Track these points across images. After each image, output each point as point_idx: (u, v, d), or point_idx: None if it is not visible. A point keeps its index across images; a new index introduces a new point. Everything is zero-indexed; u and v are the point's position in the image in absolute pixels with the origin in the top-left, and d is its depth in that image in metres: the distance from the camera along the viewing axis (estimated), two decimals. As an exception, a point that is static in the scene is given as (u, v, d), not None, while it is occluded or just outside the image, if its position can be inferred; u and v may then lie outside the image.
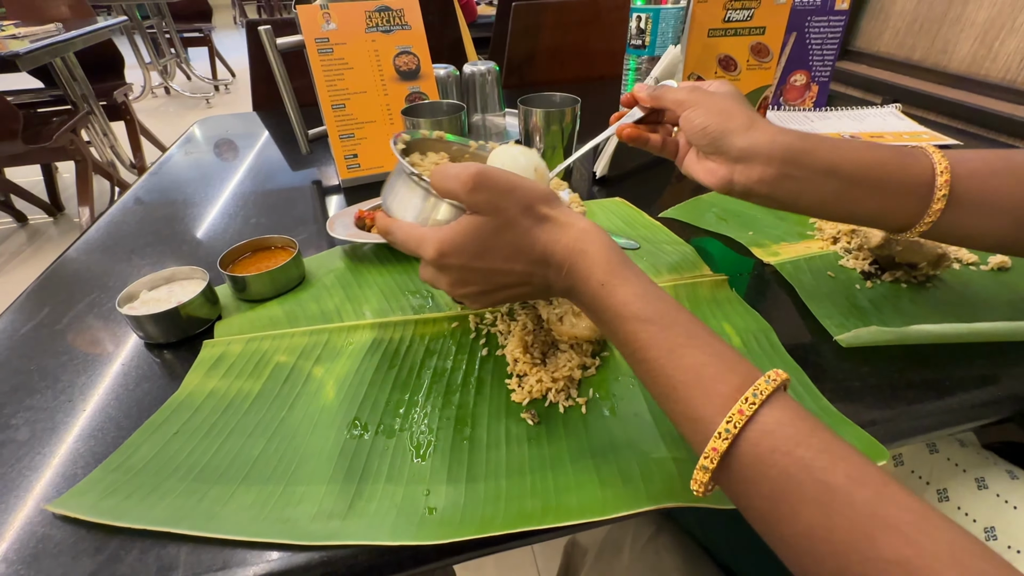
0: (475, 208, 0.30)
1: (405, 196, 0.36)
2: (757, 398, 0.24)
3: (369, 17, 0.70)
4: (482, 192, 0.30)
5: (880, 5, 1.13)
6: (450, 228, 0.31)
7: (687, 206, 0.65)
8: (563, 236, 0.31)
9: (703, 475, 0.25)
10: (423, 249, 0.32)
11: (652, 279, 0.30)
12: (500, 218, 0.30)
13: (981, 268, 0.51)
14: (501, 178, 0.30)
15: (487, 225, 0.30)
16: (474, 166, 0.30)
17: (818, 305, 0.47)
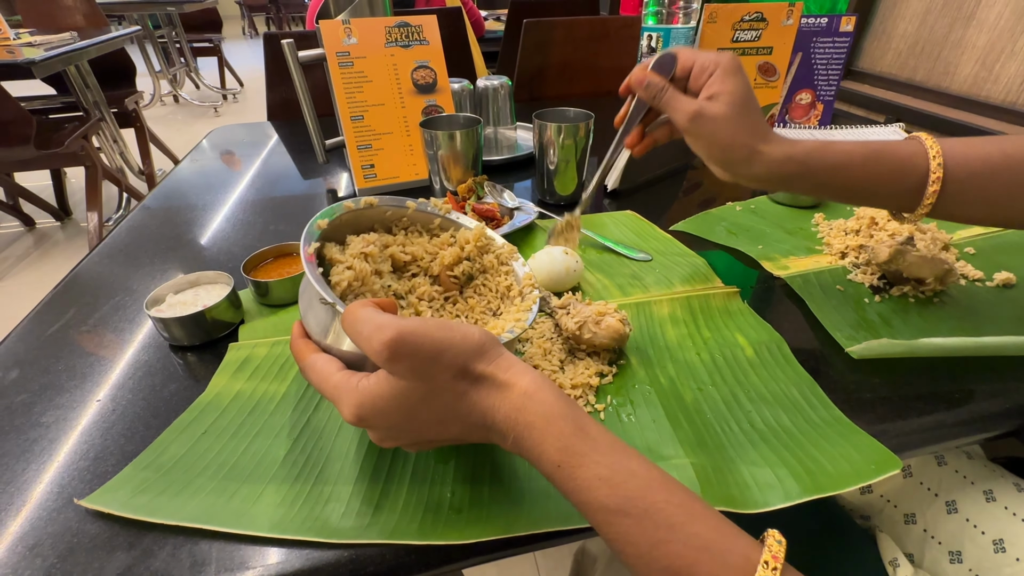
0: (393, 373, 0.26)
1: (318, 313, 0.32)
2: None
3: (389, 32, 0.72)
4: (402, 361, 0.25)
5: (883, 27, 1.16)
6: (369, 389, 0.26)
7: (697, 220, 0.67)
8: (503, 403, 0.26)
9: None
10: (340, 405, 0.28)
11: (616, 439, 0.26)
12: (427, 385, 0.26)
13: (987, 284, 0.53)
14: (424, 343, 0.25)
15: (412, 392, 0.26)
16: (390, 328, 0.25)
17: (828, 318, 0.48)
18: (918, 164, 0.39)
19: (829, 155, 0.40)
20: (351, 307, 0.27)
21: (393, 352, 0.25)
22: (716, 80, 0.39)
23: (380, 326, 0.25)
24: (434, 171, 0.68)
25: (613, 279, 0.54)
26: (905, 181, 0.39)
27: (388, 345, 0.25)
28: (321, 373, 0.29)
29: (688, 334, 0.47)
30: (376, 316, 0.26)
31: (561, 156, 0.67)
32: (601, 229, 0.64)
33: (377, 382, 0.27)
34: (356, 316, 0.27)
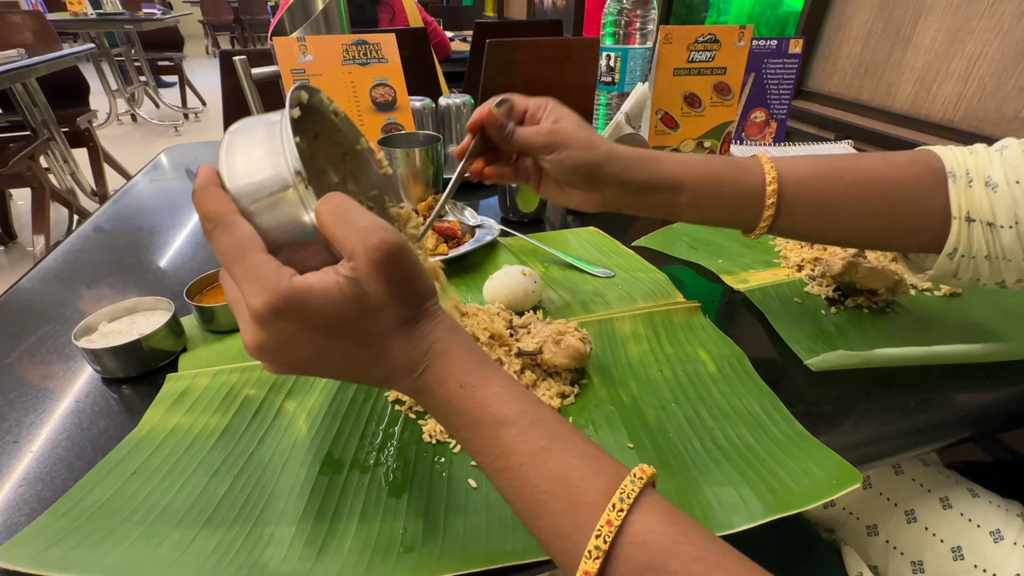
0: (363, 277, 0.24)
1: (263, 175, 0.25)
2: (624, 503, 0.22)
3: (346, 50, 0.71)
4: (388, 270, 0.24)
5: (829, 50, 1.22)
6: (311, 285, 0.23)
7: (659, 235, 0.67)
8: (427, 336, 0.26)
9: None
10: (250, 291, 0.23)
11: (512, 377, 0.28)
12: (385, 302, 0.25)
13: (934, 294, 0.54)
14: (413, 262, 0.25)
15: (365, 302, 0.24)
16: (390, 231, 0.24)
17: (787, 330, 0.48)
18: (755, 185, 0.40)
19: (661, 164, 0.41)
20: (339, 195, 0.25)
21: (387, 256, 0.23)
22: (551, 111, 0.42)
23: (385, 227, 0.24)
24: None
25: (576, 296, 0.54)
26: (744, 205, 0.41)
27: (385, 247, 0.23)
28: (243, 241, 0.24)
29: (650, 350, 0.46)
30: (374, 216, 0.24)
31: None
32: (564, 246, 0.64)
33: (320, 281, 0.23)
34: (351, 204, 0.24)
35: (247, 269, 0.24)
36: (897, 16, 1.06)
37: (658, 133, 0.89)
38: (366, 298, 0.24)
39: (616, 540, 0.22)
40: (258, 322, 0.24)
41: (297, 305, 0.23)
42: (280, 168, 0.25)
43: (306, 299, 0.23)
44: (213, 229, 0.24)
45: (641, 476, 0.24)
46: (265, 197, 0.25)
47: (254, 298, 0.23)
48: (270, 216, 0.25)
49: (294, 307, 0.23)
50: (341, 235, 0.24)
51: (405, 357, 0.26)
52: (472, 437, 0.26)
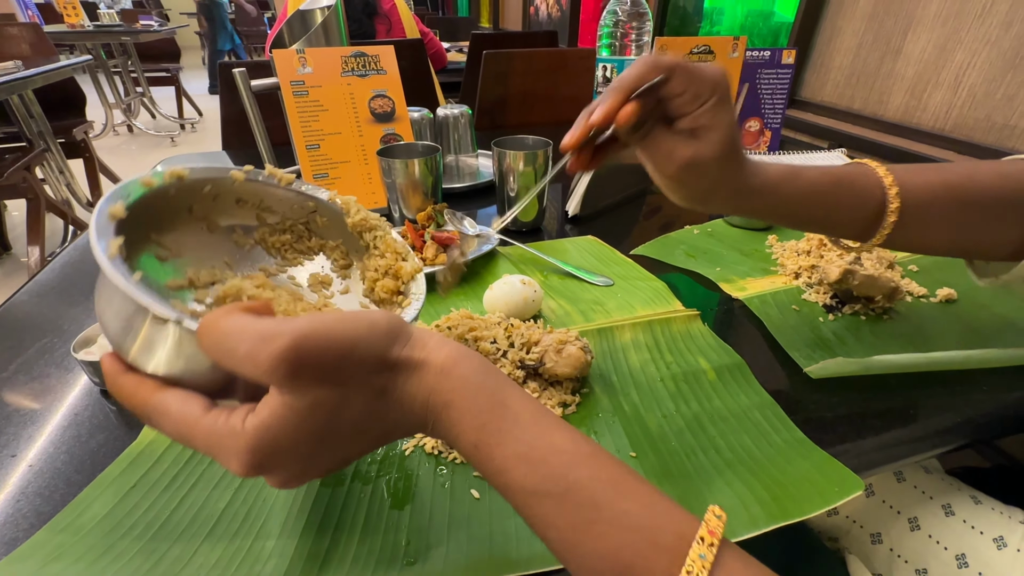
0: (295, 394, 0.21)
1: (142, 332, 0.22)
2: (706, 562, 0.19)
3: (345, 62, 0.71)
4: (305, 374, 0.20)
5: (821, 60, 1.24)
6: (262, 425, 0.21)
7: (657, 243, 0.67)
8: (420, 386, 0.23)
9: None
10: (222, 457, 0.21)
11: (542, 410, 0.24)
12: (339, 394, 0.21)
13: (931, 300, 0.55)
14: (328, 344, 0.21)
15: (322, 408, 0.21)
16: (280, 336, 0.20)
17: (786, 338, 0.48)
18: (874, 193, 0.38)
19: (798, 184, 0.37)
20: (209, 320, 0.21)
21: (293, 365, 0.20)
22: (709, 111, 0.32)
23: (264, 336, 0.20)
24: (392, 199, 0.67)
25: (575, 305, 0.54)
26: (863, 210, 0.38)
27: (284, 358, 0.19)
28: (180, 420, 0.22)
29: (651, 359, 0.46)
30: (253, 324, 0.20)
31: (521, 183, 0.67)
32: (563, 255, 0.64)
33: (271, 413, 0.21)
34: (223, 330, 0.21)
35: (202, 443, 0.21)
36: (887, 27, 1.08)
37: (654, 142, 0.90)
38: (316, 405, 0.21)
39: None
40: (255, 475, 0.22)
41: (268, 449, 0.21)
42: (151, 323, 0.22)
43: (270, 438, 0.21)
44: (154, 416, 0.23)
45: (712, 542, 0.20)
46: (166, 355, 0.22)
47: (232, 462, 0.21)
48: (185, 368, 0.23)
49: (267, 452, 0.21)
50: (237, 369, 0.21)
51: (405, 422, 0.23)
52: (506, 498, 0.23)
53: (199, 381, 0.23)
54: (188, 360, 0.22)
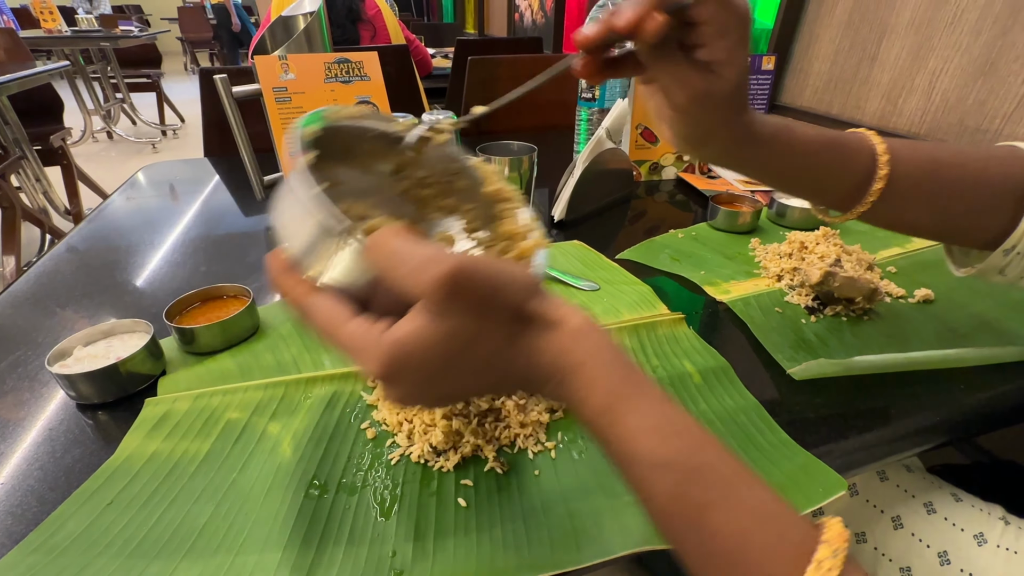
0: (441, 315, 0.22)
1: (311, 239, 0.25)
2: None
3: (328, 68, 0.71)
4: (460, 299, 0.22)
5: (800, 66, 1.26)
6: (404, 337, 0.22)
7: (642, 247, 0.68)
8: (552, 343, 0.24)
9: None
10: (360, 359, 0.23)
11: (670, 398, 0.24)
12: (478, 328, 0.23)
13: (909, 301, 0.56)
14: (484, 278, 0.22)
15: (459, 336, 0.22)
16: (445, 261, 0.21)
17: (769, 340, 0.49)
18: (864, 160, 0.37)
19: (792, 138, 0.37)
20: (381, 236, 0.23)
21: (451, 289, 0.21)
22: (729, 47, 0.30)
23: (431, 259, 0.21)
24: (378, 206, 0.66)
25: (562, 310, 0.54)
26: (852, 175, 0.38)
27: (445, 280, 0.21)
28: (329, 320, 0.24)
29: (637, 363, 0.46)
30: (420, 246, 0.22)
31: None
32: (549, 260, 0.64)
33: (415, 328, 0.22)
34: (392, 247, 0.22)
35: (344, 344, 0.24)
36: (863, 34, 1.11)
37: (638, 147, 0.91)
38: (456, 333, 0.22)
39: None
40: (382, 383, 0.24)
41: (400, 363, 0.23)
42: (323, 231, 0.24)
43: (404, 354, 0.22)
44: (306, 313, 0.25)
45: (841, 546, 0.19)
46: (328, 263, 0.25)
47: (364, 367, 0.23)
48: (342, 277, 0.25)
49: (398, 366, 0.23)
50: (399, 283, 0.22)
51: (530, 372, 0.24)
52: (621, 469, 0.23)
53: (349, 291, 0.25)
54: (346, 271, 0.25)
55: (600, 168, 0.77)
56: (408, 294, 0.22)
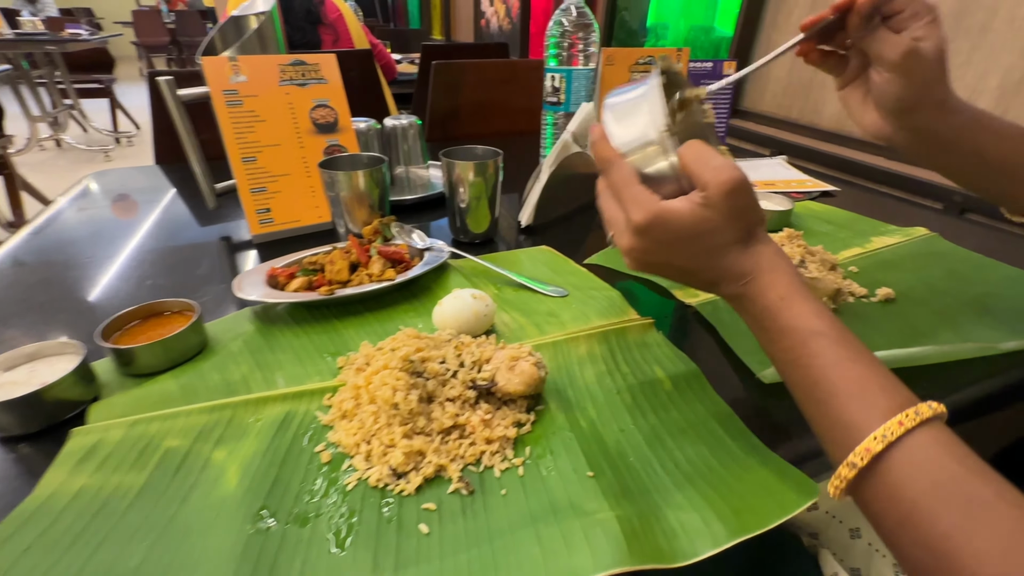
0: (712, 203, 0.32)
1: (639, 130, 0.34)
2: (918, 416, 0.26)
3: (283, 70, 0.68)
4: (734, 199, 0.31)
5: (759, 72, 1.29)
6: (674, 207, 0.32)
7: (610, 252, 0.67)
8: (755, 255, 0.33)
9: (849, 471, 0.27)
10: (630, 209, 0.33)
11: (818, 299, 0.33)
12: (724, 222, 0.32)
13: (871, 300, 0.57)
14: (750, 196, 0.32)
15: (710, 223, 0.32)
16: (735, 169, 0.31)
17: (739, 344, 0.49)
18: None
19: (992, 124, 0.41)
20: (695, 143, 0.33)
21: (732, 190, 0.31)
22: (926, 26, 0.38)
23: (728, 166, 0.31)
24: (337, 213, 0.64)
25: (530, 317, 0.52)
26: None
27: (733, 182, 0.31)
28: (625, 177, 0.34)
29: (607, 371, 0.45)
30: (720, 158, 0.32)
31: (472, 193, 0.65)
32: (516, 266, 0.63)
33: (687, 205, 0.32)
34: (701, 148, 0.33)
35: (630, 195, 0.33)
36: (818, 41, 1.14)
37: (605, 151, 0.91)
38: (711, 219, 0.32)
39: (904, 436, 0.26)
40: (633, 231, 0.33)
41: (662, 221, 0.32)
42: (651, 126, 0.33)
43: (669, 217, 0.32)
44: (606, 168, 0.35)
45: (936, 408, 0.27)
46: (640, 148, 0.34)
47: (634, 214, 0.33)
48: (643, 160, 0.34)
49: (660, 222, 0.32)
50: (698, 172, 0.32)
51: (736, 267, 0.33)
52: (779, 339, 0.32)
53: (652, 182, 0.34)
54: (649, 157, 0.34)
55: (567, 173, 0.76)
56: (699, 181, 0.32)
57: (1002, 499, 0.24)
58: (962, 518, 0.24)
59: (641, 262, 0.36)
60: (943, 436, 0.26)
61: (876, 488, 0.27)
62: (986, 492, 0.24)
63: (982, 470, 0.25)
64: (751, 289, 0.33)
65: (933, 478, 0.25)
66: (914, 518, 0.25)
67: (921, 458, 0.26)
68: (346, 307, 0.54)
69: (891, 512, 0.26)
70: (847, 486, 0.28)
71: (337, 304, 0.54)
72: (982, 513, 0.24)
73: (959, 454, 0.26)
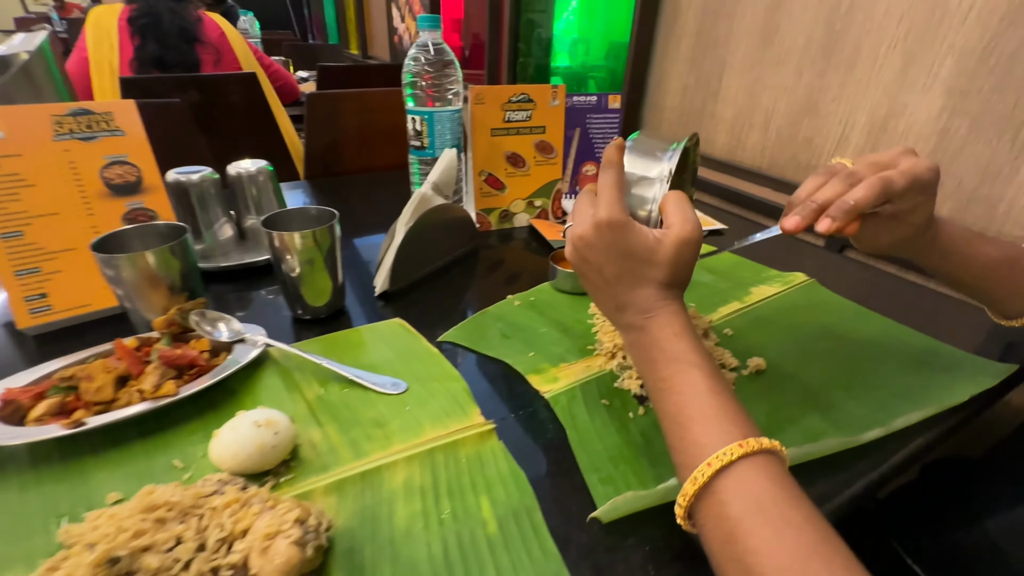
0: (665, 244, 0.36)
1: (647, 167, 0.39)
2: (758, 445, 0.29)
3: (58, 122, 0.55)
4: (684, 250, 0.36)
5: (655, 100, 1.28)
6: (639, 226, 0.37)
7: (472, 323, 0.59)
8: (668, 301, 0.37)
9: (691, 486, 0.29)
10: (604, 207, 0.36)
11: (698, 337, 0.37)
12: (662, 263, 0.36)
13: (742, 373, 0.52)
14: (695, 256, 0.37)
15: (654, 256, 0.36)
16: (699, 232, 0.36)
17: (587, 452, 0.42)
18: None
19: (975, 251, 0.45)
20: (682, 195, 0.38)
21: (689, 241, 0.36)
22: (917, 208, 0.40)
23: (696, 223, 0.37)
24: (127, 303, 0.52)
25: (347, 433, 0.43)
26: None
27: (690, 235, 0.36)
28: (616, 181, 0.38)
29: (422, 512, 0.37)
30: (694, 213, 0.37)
31: (302, 258, 0.55)
32: (355, 350, 0.54)
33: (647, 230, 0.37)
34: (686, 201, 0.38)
35: (611, 196, 0.37)
36: (706, 70, 1.13)
37: (484, 195, 0.84)
38: (657, 254, 0.36)
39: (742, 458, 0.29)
40: (593, 225, 0.37)
41: (622, 229, 0.36)
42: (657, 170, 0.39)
43: (629, 229, 0.36)
44: (607, 167, 0.38)
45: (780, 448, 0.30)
46: (640, 177, 0.39)
47: (603, 211, 0.36)
48: (637, 184, 0.39)
49: (620, 228, 0.36)
50: (672, 213, 0.37)
51: (647, 302, 0.37)
52: (663, 367, 0.35)
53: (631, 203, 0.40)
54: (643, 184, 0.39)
55: (431, 226, 0.68)
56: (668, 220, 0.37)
57: (808, 522, 0.26)
58: (772, 535, 0.26)
59: (580, 255, 0.39)
60: (775, 467, 0.29)
61: (709, 507, 0.29)
62: (797, 515, 0.27)
63: (800, 498, 0.28)
64: (651, 323, 0.36)
65: (757, 499, 0.27)
66: (736, 534, 0.27)
67: (750, 480, 0.28)
68: (111, 433, 0.42)
69: (719, 530, 0.28)
70: (688, 505, 0.30)
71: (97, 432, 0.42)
72: (789, 532, 0.26)
73: (784, 483, 0.28)
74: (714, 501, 0.29)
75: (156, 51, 1.55)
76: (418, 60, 0.71)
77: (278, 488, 0.38)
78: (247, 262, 0.69)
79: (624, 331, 0.39)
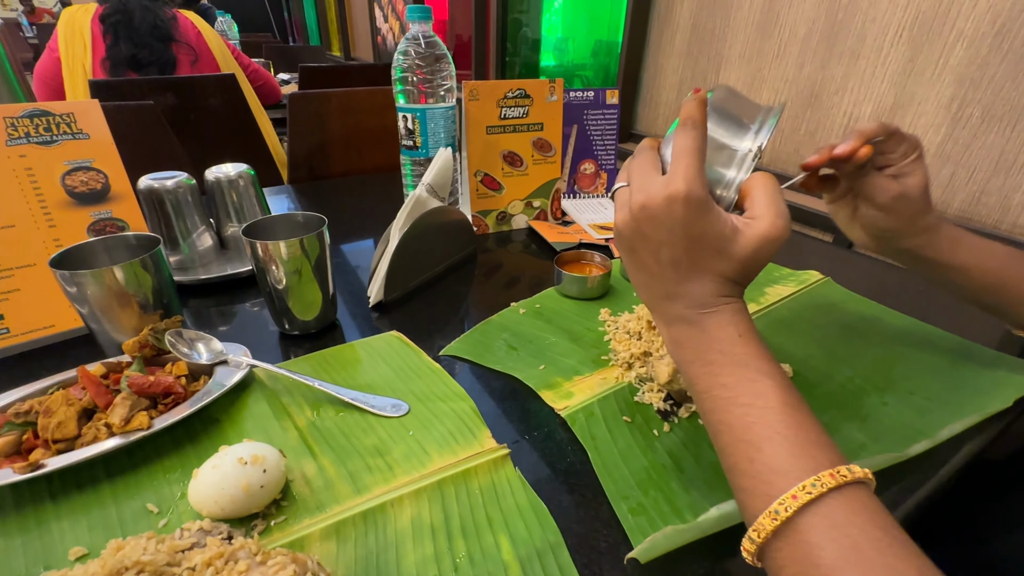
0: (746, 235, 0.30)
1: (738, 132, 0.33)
2: (851, 475, 0.25)
3: (13, 125, 0.50)
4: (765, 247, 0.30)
5: (650, 95, 1.25)
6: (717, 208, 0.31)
7: (475, 334, 0.55)
8: (732, 298, 0.32)
9: (770, 522, 0.25)
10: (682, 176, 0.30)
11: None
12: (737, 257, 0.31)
13: (768, 381, 0.48)
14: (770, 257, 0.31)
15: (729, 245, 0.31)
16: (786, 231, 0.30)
17: (613, 478, 0.38)
18: None
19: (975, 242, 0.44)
20: (775, 181, 0.32)
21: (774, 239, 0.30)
22: (911, 163, 0.41)
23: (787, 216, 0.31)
24: (92, 324, 0.46)
25: (345, 463, 0.39)
26: None
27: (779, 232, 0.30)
28: (696, 141, 0.31)
29: (435, 555, 0.32)
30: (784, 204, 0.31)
31: (289, 269, 0.50)
32: (350, 368, 0.49)
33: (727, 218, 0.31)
34: (777, 189, 0.32)
35: (690, 163, 0.30)
36: (702, 65, 1.10)
37: (481, 197, 0.79)
38: (730, 246, 0.30)
39: (833, 491, 0.24)
40: (666, 195, 0.30)
41: (699, 207, 0.30)
42: (751, 139, 0.33)
43: (707, 210, 0.30)
44: (688, 127, 0.31)
45: (870, 477, 0.26)
46: (720, 146, 0.33)
47: (682, 180, 0.30)
48: (715, 155, 0.33)
49: (697, 205, 0.30)
50: (761, 202, 0.31)
51: (706, 295, 0.32)
52: (726, 372, 0.30)
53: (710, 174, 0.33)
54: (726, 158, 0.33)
55: (427, 230, 0.63)
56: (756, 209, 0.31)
57: (920, 573, 0.22)
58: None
59: (637, 227, 0.32)
60: (869, 501, 0.25)
61: (793, 547, 0.25)
62: (907, 568, 0.22)
63: (905, 542, 0.23)
64: (709, 320, 0.31)
65: (855, 544, 0.23)
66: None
67: (844, 520, 0.24)
68: (74, 475, 0.37)
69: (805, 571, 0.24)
70: (762, 543, 0.25)
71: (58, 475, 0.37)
72: None
73: (884, 523, 0.24)
74: (799, 541, 0.24)
75: (129, 50, 1.49)
76: (408, 54, 0.66)
77: (268, 533, 0.34)
78: (228, 274, 0.64)
79: (668, 324, 0.33)
